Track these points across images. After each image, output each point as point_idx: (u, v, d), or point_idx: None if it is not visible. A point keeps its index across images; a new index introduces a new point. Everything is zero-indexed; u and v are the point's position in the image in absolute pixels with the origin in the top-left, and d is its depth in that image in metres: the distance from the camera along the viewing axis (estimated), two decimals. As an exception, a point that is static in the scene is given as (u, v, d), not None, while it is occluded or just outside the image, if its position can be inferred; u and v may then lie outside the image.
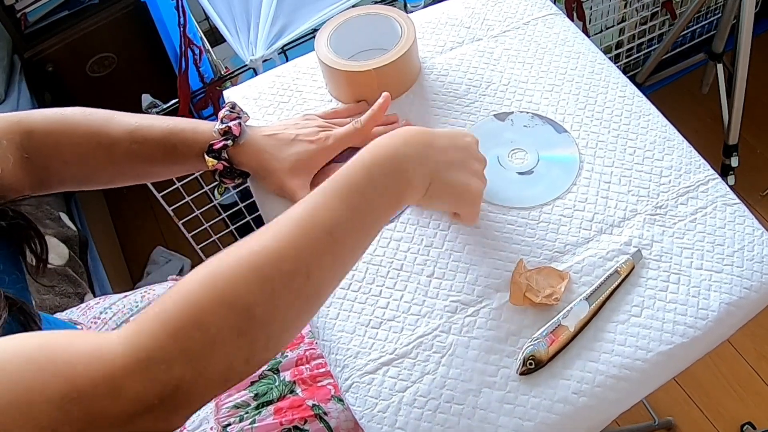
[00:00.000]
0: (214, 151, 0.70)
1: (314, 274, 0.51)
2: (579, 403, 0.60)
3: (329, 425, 0.75)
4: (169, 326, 0.45)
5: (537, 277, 0.66)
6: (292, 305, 0.50)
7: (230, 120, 0.71)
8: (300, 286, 0.50)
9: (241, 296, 0.47)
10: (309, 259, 0.50)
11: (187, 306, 0.45)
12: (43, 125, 0.69)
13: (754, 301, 0.64)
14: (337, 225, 0.52)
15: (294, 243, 0.50)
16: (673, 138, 0.75)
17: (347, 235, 0.53)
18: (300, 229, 0.51)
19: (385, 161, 0.56)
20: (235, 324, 0.46)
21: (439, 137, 0.61)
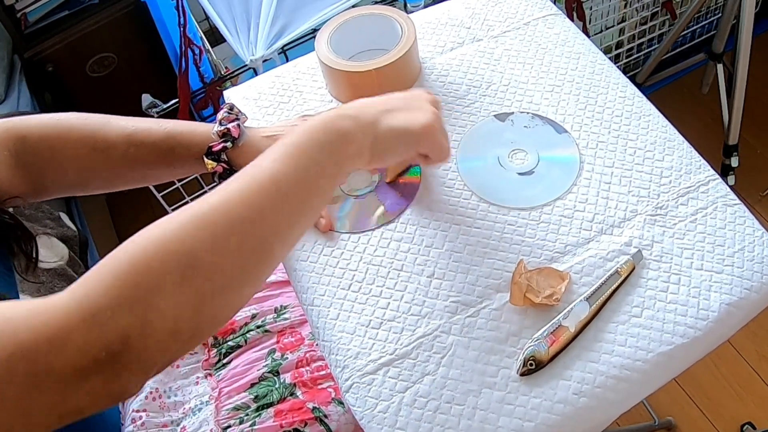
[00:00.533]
0: (213, 153, 0.70)
1: (259, 222, 0.50)
2: (579, 404, 0.59)
3: (329, 428, 0.75)
4: (113, 274, 0.44)
5: (537, 278, 0.66)
6: (238, 252, 0.49)
7: (229, 122, 0.71)
8: (246, 231, 0.49)
9: (185, 241, 0.46)
10: (254, 206, 0.50)
11: (133, 254, 0.45)
12: (37, 131, 0.68)
13: (754, 302, 0.64)
14: (282, 177, 0.52)
15: (240, 191, 0.50)
16: (674, 138, 0.75)
17: (292, 188, 0.52)
18: (245, 180, 0.51)
19: (325, 123, 0.56)
20: (179, 269, 0.45)
21: (380, 97, 0.62)
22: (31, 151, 0.68)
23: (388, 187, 0.75)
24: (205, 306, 0.47)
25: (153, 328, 0.44)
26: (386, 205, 0.73)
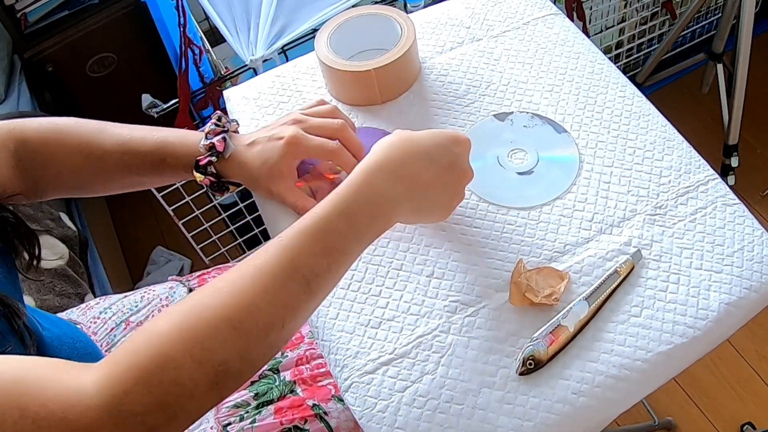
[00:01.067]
0: (201, 166, 0.70)
1: (289, 323, 0.52)
2: (578, 404, 0.59)
3: (329, 425, 0.75)
4: (144, 380, 0.45)
5: (536, 278, 0.66)
6: (266, 354, 0.51)
7: (215, 135, 0.70)
8: (274, 338, 0.51)
9: (217, 356, 0.48)
10: (284, 310, 0.51)
11: (163, 361, 0.46)
12: (38, 135, 0.69)
13: (753, 302, 0.64)
14: (314, 275, 0.52)
15: (271, 296, 0.50)
16: (673, 138, 0.75)
17: (323, 283, 0.54)
18: (277, 280, 0.51)
19: (369, 206, 0.56)
20: (211, 380, 0.48)
21: (429, 162, 0.60)
22: (31, 154, 0.68)
23: None
24: (228, 394, 0.50)
25: (179, 421, 0.47)
26: None
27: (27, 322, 0.58)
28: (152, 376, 0.46)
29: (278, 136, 0.70)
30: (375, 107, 0.82)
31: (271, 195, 0.72)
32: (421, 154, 0.59)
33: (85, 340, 0.72)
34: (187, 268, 1.83)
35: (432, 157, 0.60)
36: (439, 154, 0.60)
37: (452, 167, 0.61)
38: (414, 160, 0.59)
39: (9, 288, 0.60)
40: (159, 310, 0.84)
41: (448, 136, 0.62)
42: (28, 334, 0.57)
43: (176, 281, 0.90)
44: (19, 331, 0.56)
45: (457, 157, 0.62)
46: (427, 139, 0.61)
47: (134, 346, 0.47)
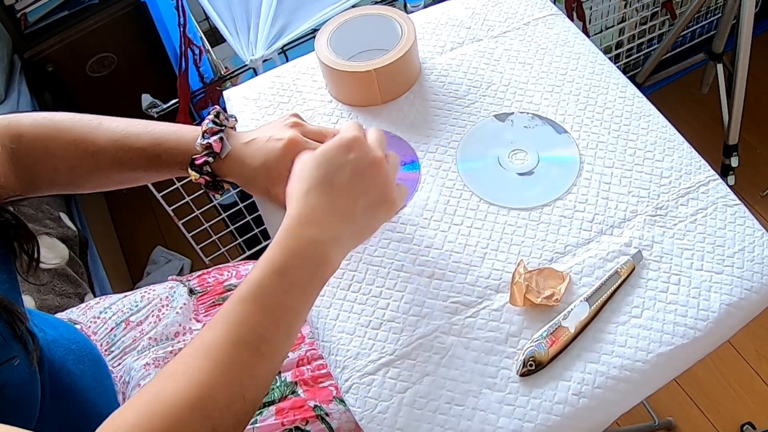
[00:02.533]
0: (196, 166, 0.69)
1: (250, 393, 0.52)
2: (579, 405, 0.59)
3: (331, 426, 0.75)
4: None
5: (537, 278, 0.66)
6: (237, 425, 0.51)
7: (212, 134, 0.69)
8: (239, 409, 0.51)
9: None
10: (241, 382, 0.51)
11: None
12: (33, 130, 0.69)
13: (754, 302, 0.64)
14: (264, 340, 0.52)
15: (223, 371, 0.50)
16: (674, 139, 0.75)
17: (275, 346, 0.53)
18: (227, 353, 0.51)
19: (300, 256, 0.55)
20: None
21: (337, 189, 0.58)
22: (26, 150, 0.68)
23: None
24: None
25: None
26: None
27: (30, 327, 0.57)
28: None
29: (278, 137, 0.69)
30: (375, 108, 0.82)
31: (268, 196, 0.72)
32: (325, 188, 0.58)
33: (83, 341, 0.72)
34: (187, 268, 1.83)
35: (334, 183, 0.58)
36: (335, 172, 0.59)
37: (358, 173, 0.59)
38: (323, 199, 0.58)
39: (10, 292, 0.60)
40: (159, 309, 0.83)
41: (334, 152, 0.60)
42: (32, 339, 0.57)
43: (176, 281, 0.90)
44: (22, 338, 0.56)
45: (356, 162, 0.59)
46: (319, 170, 0.59)
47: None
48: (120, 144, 0.70)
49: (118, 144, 0.70)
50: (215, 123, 0.70)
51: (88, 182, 0.73)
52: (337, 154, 0.59)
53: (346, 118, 0.82)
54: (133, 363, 0.76)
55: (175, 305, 0.83)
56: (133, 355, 0.77)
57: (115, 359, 0.78)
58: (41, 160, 0.69)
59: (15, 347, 0.55)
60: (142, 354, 0.77)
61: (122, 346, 0.79)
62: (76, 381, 0.67)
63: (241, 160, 0.70)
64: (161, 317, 0.82)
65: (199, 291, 0.87)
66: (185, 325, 0.81)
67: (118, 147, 0.70)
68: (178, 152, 0.70)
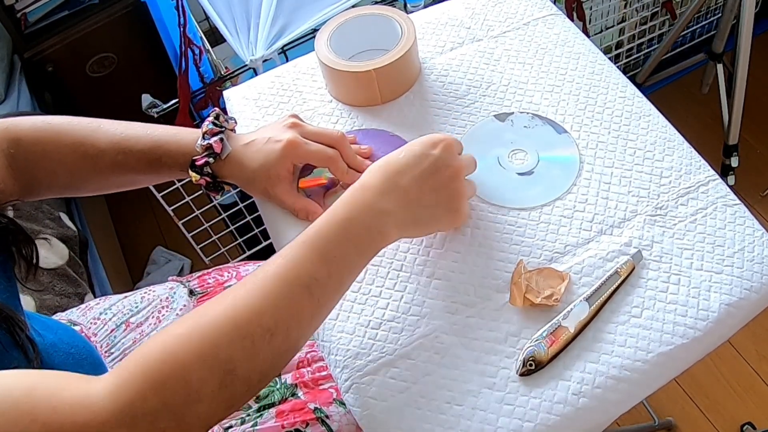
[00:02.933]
0: (197, 167, 0.70)
1: (293, 331, 0.53)
2: (579, 404, 0.59)
3: (331, 428, 0.75)
4: (153, 380, 0.46)
5: (537, 278, 0.66)
6: (272, 361, 0.52)
7: (212, 135, 0.70)
8: (280, 343, 0.52)
9: (222, 354, 0.48)
10: (288, 316, 0.52)
11: (171, 360, 0.47)
12: (31, 133, 0.69)
13: (754, 302, 0.64)
14: (315, 281, 0.54)
15: (274, 299, 0.52)
16: (674, 139, 0.75)
17: (325, 291, 0.55)
18: (279, 285, 0.52)
19: (362, 217, 0.58)
20: (218, 381, 0.48)
21: (410, 174, 0.61)
22: (24, 154, 0.68)
23: None
24: (238, 402, 0.51)
25: (189, 425, 0.47)
26: None
27: (30, 334, 0.57)
28: (160, 377, 0.46)
29: (277, 138, 0.69)
30: (375, 108, 0.82)
31: (267, 197, 0.72)
32: (401, 169, 0.61)
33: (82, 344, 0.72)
34: (187, 268, 1.83)
35: (411, 167, 0.61)
36: (416, 163, 0.61)
37: (436, 170, 0.62)
38: (396, 177, 0.60)
39: (10, 299, 0.60)
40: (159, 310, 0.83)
41: (422, 143, 0.63)
42: (32, 347, 0.57)
43: (176, 281, 0.90)
44: (22, 345, 0.56)
45: (437, 159, 0.62)
46: (403, 154, 0.62)
47: (144, 351, 0.48)
48: (119, 147, 0.70)
49: (118, 147, 0.70)
50: (215, 124, 0.70)
51: (88, 185, 0.73)
52: (423, 147, 0.62)
53: (346, 119, 0.82)
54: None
55: (175, 306, 0.83)
56: (134, 355, 0.77)
57: (115, 361, 0.78)
58: (40, 164, 0.69)
59: (15, 355, 0.55)
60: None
61: (122, 348, 0.79)
62: None
63: (240, 161, 0.70)
64: (161, 318, 0.82)
65: (200, 292, 0.87)
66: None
67: (118, 150, 0.70)
68: (178, 154, 0.70)
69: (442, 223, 0.65)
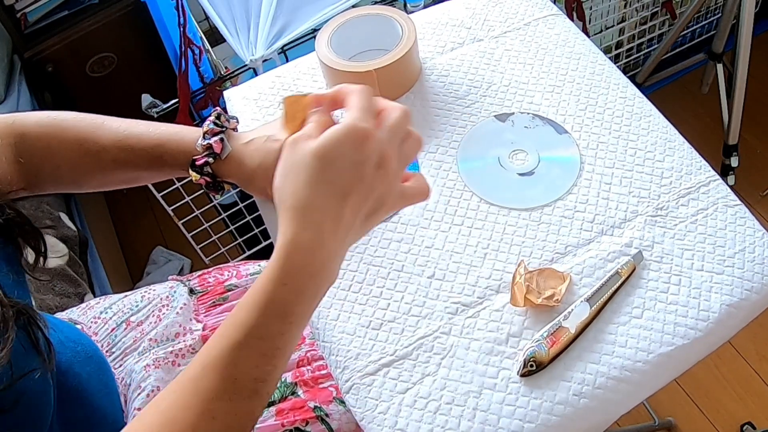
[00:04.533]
0: (197, 166, 0.70)
1: (248, 428, 0.50)
2: (579, 405, 0.59)
3: (331, 427, 0.75)
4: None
5: (538, 279, 0.66)
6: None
7: (212, 135, 0.69)
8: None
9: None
10: (239, 425, 0.49)
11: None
12: (36, 129, 0.69)
13: (754, 303, 0.64)
14: (261, 382, 0.50)
15: (218, 421, 0.48)
16: (674, 139, 0.75)
17: (273, 382, 0.51)
18: (222, 401, 0.48)
19: (304, 269, 0.50)
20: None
21: (333, 202, 0.50)
22: (29, 149, 0.68)
23: None
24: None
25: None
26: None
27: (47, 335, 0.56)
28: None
29: (275, 137, 0.69)
30: (375, 108, 0.82)
31: (266, 196, 0.72)
32: (322, 190, 0.51)
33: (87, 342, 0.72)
34: (187, 268, 1.83)
35: (333, 183, 0.50)
36: (337, 174, 0.50)
37: (361, 177, 0.50)
38: (318, 204, 0.51)
39: (22, 293, 0.60)
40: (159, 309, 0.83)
41: (339, 143, 0.50)
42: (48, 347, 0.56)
43: (177, 281, 0.90)
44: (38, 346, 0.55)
45: (362, 162, 0.50)
46: (320, 163, 0.50)
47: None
48: (122, 144, 0.70)
49: (121, 144, 0.70)
50: (216, 124, 0.71)
51: (91, 181, 0.74)
52: (342, 152, 0.50)
53: (347, 119, 0.82)
54: (134, 365, 0.76)
55: (175, 305, 0.83)
56: (134, 356, 0.77)
57: (116, 360, 0.78)
58: (45, 158, 0.69)
59: (33, 356, 0.54)
60: (143, 355, 0.77)
61: (123, 347, 0.79)
62: (82, 383, 0.67)
63: (240, 160, 0.70)
64: (162, 317, 0.82)
65: (200, 291, 0.87)
66: (186, 326, 0.81)
67: (121, 147, 0.70)
68: (179, 153, 0.70)
69: (375, 223, 0.54)
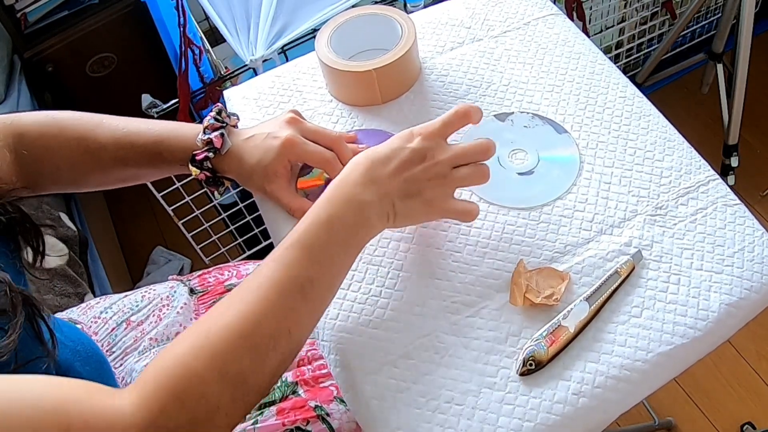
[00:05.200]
0: (197, 161, 0.70)
1: (294, 331, 0.55)
2: (579, 404, 0.59)
3: (331, 426, 0.75)
4: (173, 396, 0.48)
5: (537, 278, 0.66)
6: (279, 364, 0.54)
7: (213, 130, 0.70)
8: (285, 346, 0.54)
9: (234, 368, 0.51)
10: (287, 320, 0.54)
11: (188, 375, 0.50)
12: (35, 128, 0.69)
13: (754, 302, 0.64)
14: (308, 283, 0.56)
15: (272, 307, 0.54)
16: (674, 139, 0.75)
17: (318, 290, 0.57)
18: (275, 291, 0.55)
19: (344, 212, 0.59)
20: (233, 392, 0.51)
21: (385, 162, 0.61)
22: (28, 148, 0.69)
23: None
24: (252, 404, 0.54)
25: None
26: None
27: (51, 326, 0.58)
28: (182, 393, 0.48)
29: (275, 135, 0.70)
30: (375, 107, 0.82)
31: (264, 193, 0.72)
32: (381, 160, 0.62)
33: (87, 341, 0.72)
34: (187, 268, 1.83)
35: (390, 158, 0.62)
36: (395, 155, 0.62)
37: (410, 161, 0.62)
38: (375, 168, 0.61)
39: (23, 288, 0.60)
40: (160, 309, 0.83)
41: (402, 135, 0.63)
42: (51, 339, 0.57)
43: (177, 280, 0.90)
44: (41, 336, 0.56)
45: (413, 150, 0.62)
46: (384, 146, 0.63)
47: (161, 366, 0.50)
48: (121, 142, 0.70)
49: (120, 142, 0.70)
50: (217, 120, 0.71)
51: (90, 180, 0.74)
52: (401, 139, 0.63)
53: (347, 118, 0.82)
54: (135, 364, 0.76)
55: (176, 305, 0.83)
56: (134, 356, 0.77)
57: (116, 360, 0.78)
58: (44, 158, 0.69)
59: (37, 346, 0.55)
60: (143, 355, 0.77)
61: (123, 347, 0.79)
62: None
63: (239, 156, 0.70)
64: (162, 317, 0.82)
65: (200, 291, 0.87)
66: (186, 326, 0.81)
67: (120, 145, 0.70)
68: (179, 149, 0.71)
69: (418, 216, 0.65)
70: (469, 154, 0.64)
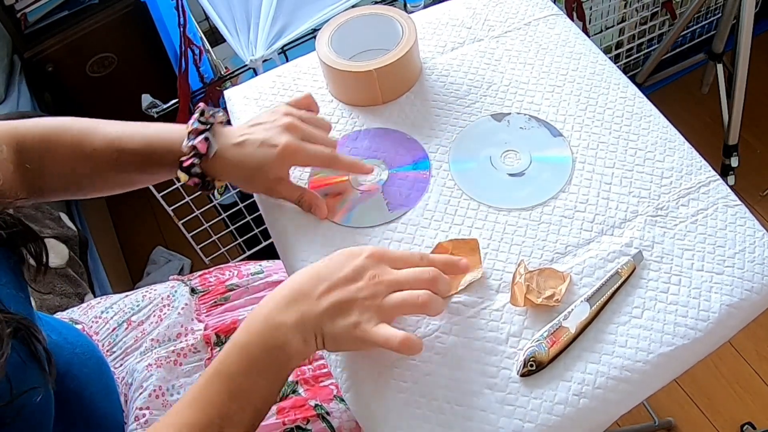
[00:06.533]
0: (185, 167, 0.69)
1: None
2: (579, 405, 0.59)
3: (332, 425, 0.75)
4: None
5: (538, 279, 0.66)
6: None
7: (197, 135, 0.69)
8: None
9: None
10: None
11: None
12: (33, 136, 0.69)
13: (755, 303, 0.64)
14: (226, 419, 0.54)
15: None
16: (674, 139, 0.75)
17: (239, 424, 0.55)
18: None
19: (261, 334, 0.56)
20: None
21: (319, 279, 0.58)
22: (29, 155, 0.68)
23: (394, 182, 0.75)
24: None
25: None
26: (391, 202, 0.73)
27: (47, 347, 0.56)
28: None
29: (272, 143, 0.68)
30: (376, 107, 0.82)
31: (270, 193, 0.73)
32: (313, 275, 0.58)
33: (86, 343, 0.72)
34: (187, 268, 1.83)
35: (325, 275, 0.58)
36: (331, 272, 0.58)
37: (347, 279, 0.58)
38: (305, 282, 0.58)
39: (23, 305, 0.59)
40: (161, 309, 0.83)
41: (347, 251, 0.60)
42: (48, 360, 0.56)
43: (178, 280, 0.90)
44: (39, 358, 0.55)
45: (354, 269, 0.58)
46: (324, 260, 0.60)
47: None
48: (115, 146, 0.70)
49: (114, 146, 0.70)
50: (201, 122, 0.69)
51: (89, 186, 0.74)
52: (346, 255, 0.59)
53: (347, 118, 0.82)
54: (136, 364, 0.76)
55: (176, 305, 0.83)
56: (135, 356, 0.77)
57: (117, 360, 0.78)
58: (43, 165, 0.69)
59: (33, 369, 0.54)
60: (145, 355, 0.77)
61: (124, 347, 0.79)
62: (81, 385, 0.67)
63: (234, 162, 0.69)
64: (163, 317, 0.82)
65: (201, 291, 0.87)
66: (187, 326, 0.81)
67: (114, 149, 0.70)
68: (167, 153, 0.70)
69: (345, 341, 0.57)
70: (411, 280, 0.59)
